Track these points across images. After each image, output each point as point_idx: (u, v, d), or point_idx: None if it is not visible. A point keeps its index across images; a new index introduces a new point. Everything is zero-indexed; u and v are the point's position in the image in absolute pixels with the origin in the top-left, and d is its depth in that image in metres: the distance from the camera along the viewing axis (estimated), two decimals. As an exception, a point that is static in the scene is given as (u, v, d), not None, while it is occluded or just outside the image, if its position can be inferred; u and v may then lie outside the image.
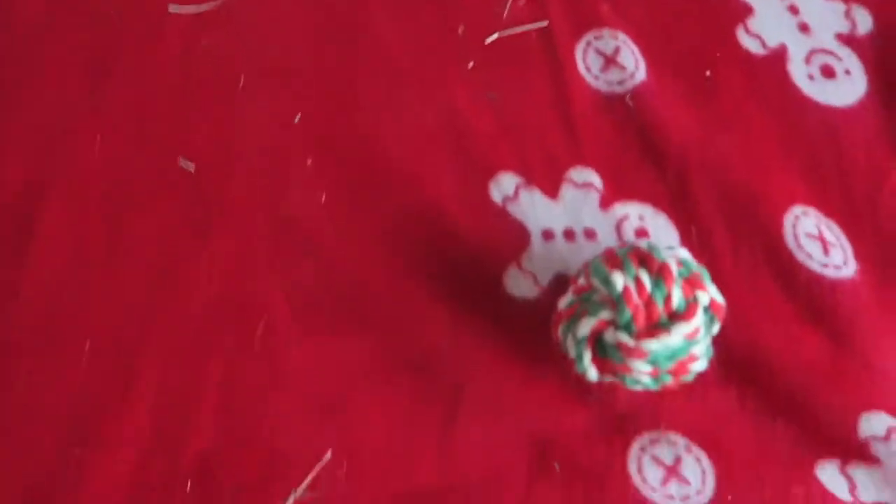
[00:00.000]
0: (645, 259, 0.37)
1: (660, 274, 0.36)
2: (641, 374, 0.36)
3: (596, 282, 0.37)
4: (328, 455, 0.39)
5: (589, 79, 0.45)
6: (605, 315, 0.36)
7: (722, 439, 0.40)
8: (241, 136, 0.43)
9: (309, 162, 0.43)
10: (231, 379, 0.40)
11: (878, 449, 0.39)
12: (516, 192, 0.44)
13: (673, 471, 0.39)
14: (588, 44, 0.46)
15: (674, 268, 0.36)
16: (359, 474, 0.39)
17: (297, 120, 0.44)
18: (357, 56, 0.46)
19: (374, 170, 0.43)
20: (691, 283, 0.37)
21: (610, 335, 0.36)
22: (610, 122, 0.45)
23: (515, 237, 0.43)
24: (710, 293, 0.37)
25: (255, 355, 0.40)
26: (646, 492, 0.39)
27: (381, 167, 0.43)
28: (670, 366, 0.36)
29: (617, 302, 0.36)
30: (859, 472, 0.39)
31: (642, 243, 0.38)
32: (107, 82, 0.45)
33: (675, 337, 0.35)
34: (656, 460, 0.39)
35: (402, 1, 0.46)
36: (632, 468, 0.39)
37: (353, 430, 0.39)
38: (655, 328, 0.36)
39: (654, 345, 0.35)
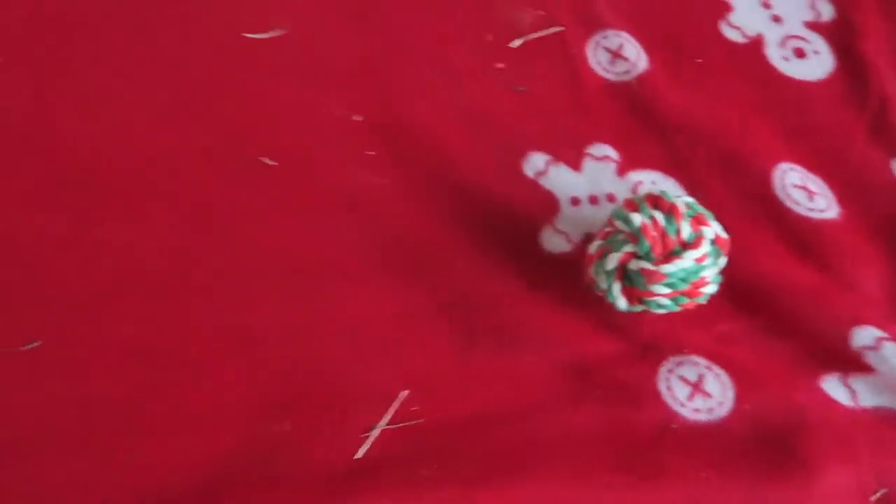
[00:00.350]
0: (657, 201, 0.44)
1: (670, 212, 0.43)
2: (662, 298, 0.43)
3: (618, 223, 0.44)
4: (405, 392, 0.46)
5: (599, 71, 0.53)
6: (628, 248, 0.43)
7: (736, 359, 0.46)
8: (314, 133, 0.51)
9: (372, 152, 0.51)
10: (298, 328, 0.46)
11: (870, 358, 0.45)
12: (546, 168, 0.51)
13: (697, 387, 0.46)
14: (597, 43, 0.54)
15: (682, 207, 0.43)
16: (429, 404, 0.45)
17: (356, 118, 0.52)
18: (402, 64, 0.54)
19: (423, 154, 0.51)
20: (697, 220, 0.43)
21: (633, 264, 0.43)
22: (620, 105, 0.52)
23: (548, 204, 0.50)
24: (714, 228, 0.44)
25: (319, 306, 0.47)
26: (675, 407, 0.45)
27: (430, 152, 0.51)
28: (685, 287, 0.43)
29: (637, 236, 0.43)
30: (858, 382, 0.46)
31: (655, 190, 0.45)
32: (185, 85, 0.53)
33: (687, 261, 0.42)
34: (682, 379, 0.46)
35: (436, 15, 0.55)
36: (661, 387, 0.46)
37: (415, 365, 0.46)
38: (670, 255, 0.42)
39: (670, 268, 0.42)
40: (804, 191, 0.49)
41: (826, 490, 0.43)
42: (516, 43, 0.55)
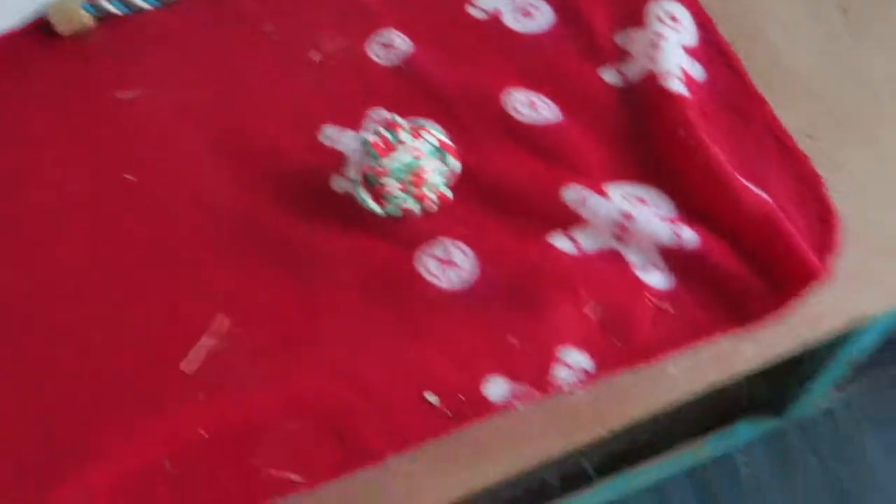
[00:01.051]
0: (386, 122, 0.55)
1: (391, 126, 0.54)
2: (395, 191, 0.53)
3: (361, 146, 0.55)
4: (224, 319, 0.56)
5: (377, 60, 0.66)
6: (365, 161, 0.54)
7: (476, 235, 0.55)
8: (171, 147, 0.65)
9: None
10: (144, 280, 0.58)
11: (581, 211, 0.53)
12: (337, 136, 0.63)
13: (447, 261, 0.54)
14: (373, 41, 0.68)
15: (402, 122, 0.54)
16: (249, 328, 0.55)
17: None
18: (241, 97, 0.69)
19: (244, 141, 0.64)
20: (416, 129, 0.54)
21: (368, 169, 0.53)
22: (395, 82, 0.65)
23: (337, 160, 0.62)
24: (435, 135, 0.55)
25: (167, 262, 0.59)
26: (432, 281, 0.54)
27: (247, 138, 0.64)
28: (408, 177, 0.53)
29: (367, 148, 0.53)
30: (576, 232, 0.54)
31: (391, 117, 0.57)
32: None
33: (403, 154, 0.53)
34: (434, 257, 0.55)
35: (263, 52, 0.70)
36: (422, 270, 0.55)
37: (230, 293, 0.56)
38: (391, 154, 0.53)
39: (390, 162, 0.53)
40: (530, 105, 0.59)
41: (557, 318, 0.51)
42: (317, 57, 0.69)
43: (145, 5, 0.76)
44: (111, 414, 0.53)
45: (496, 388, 0.50)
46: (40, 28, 0.74)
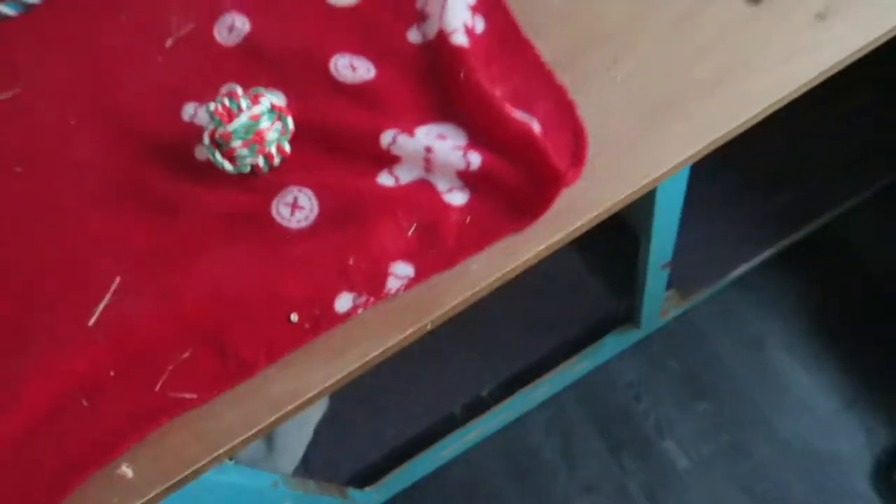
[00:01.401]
0: (228, 92, 0.64)
1: (231, 95, 0.64)
2: (241, 150, 0.63)
3: (208, 115, 0.64)
4: (118, 278, 0.65)
5: (223, 41, 0.75)
6: (211, 126, 0.64)
7: (315, 181, 0.66)
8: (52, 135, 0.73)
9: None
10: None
11: (395, 150, 0.65)
12: (195, 111, 0.72)
13: (295, 205, 0.65)
14: (219, 24, 0.76)
15: (241, 91, 0.64)
16: (136, 276, 0.65)
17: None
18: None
19: (116, 121, 0.73)
20: (254, 97, 0.64)
21: (216, 134, 0.63)
22: (239, 59, 0.74)
23: (198, 132, 0.71)
24: (270, 100, 0.65)
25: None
26: (284, 223, 0.65)
27: (118, 119, 0.73)
28: (251, 137, 0.63)
29: (213, 117, 0.63)
30: (395, 168, 0.65)
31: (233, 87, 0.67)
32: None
33: (243, 118, 0.63)
34: (284, 203, 0.65)
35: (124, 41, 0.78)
36: (276, 215, 0.65)
37: (123, 250, 0.66)
38: (232, 119, 0.63)
39: (233, 125, 0.63)
40: (350, 67, 0.70)
41: (385, 240, 0.63)
42: (169, 42, 0.77)
43: (10, 12, 0.82)
44: (28, 360, 0.63)
45: (343, 301, 0.62)
46: None
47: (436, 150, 0.64)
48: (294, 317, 0.62)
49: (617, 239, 1.23)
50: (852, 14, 0.65)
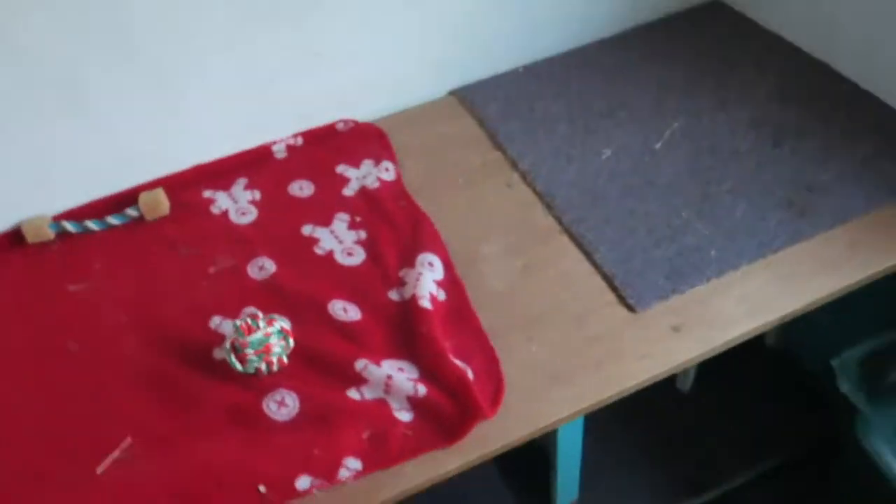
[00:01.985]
0: (251, 314, 0.85)
1: (253, 316, 0.85)
2: (252, 356, 0.83)
3: (233, 327, 0.85)
4: (129, 440, 0.80)
5: (253, 276, 0.98)
6: (235, 336, 0.83)
7: (300, 387, 0.85)
8: (103, 323, 0.92)
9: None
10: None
11: (365, 374, 0.85)
12: (220, 323, 0.92)
13: (282, 402, 0.83)
14: (252, 264, 0.99)
15: (261, 314, 0.85)
16: (145, 444, 0.80)
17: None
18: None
19: (156, 322, 0.92)
20: (270, 320, 0.86)
21: (236, 342, 0.83)
22: (263, 292, 0.97)
23: (220, 338, 0.90)
24: (280, 323, 0.86)
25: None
26: (271, 415, 0.82)
27: (158, 320, 0.92)
28: (260, 349, 0.83)
29: (237, 328, 0.83)
30: (363, 388, 0.85)
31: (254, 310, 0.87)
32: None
33: (259, 334, 0.84)
34: (274, 400, 0.83)
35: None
36: (266, 408, 0.83)
37: (140, 424, 0.82)
38: (251, 335, 0.83)
39: (250, 337, 0.83)
40: (344, 311, 0.92)
41: (344, 439, 0.80)
42: (212, 270, 1.00)
43: (94, 227, 1.06)
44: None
45: (303, 481, 0.78)
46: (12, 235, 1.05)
47: (395, 378, 0.85)
48: (262, 488, 0.78)
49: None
50: (696, 331, 0.90)
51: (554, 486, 1.12)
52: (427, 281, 0.95)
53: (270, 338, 0.86)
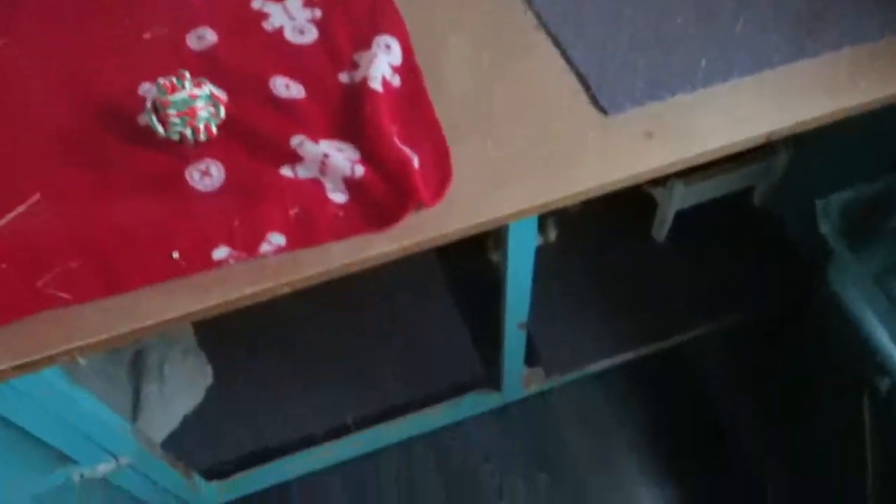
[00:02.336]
0: (178, 74, 0.75)
1: (180, 76, 0.75)
2: (174, 119, 0.74)
3: (156, 86, 0.75)
4: (37, 195, 0.73)
5: (192, 46, 0.88)
6: (156, 95, 0.74)
7: (228, 160, 0.78)
8: (25, 81, 0.83)
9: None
10: None
11: (300, 150, 0.77)
12: (149, 88, 0.83)
13: (205, 172, 0.75)
14: (193, 33, 0.89)
15: (188, 75, 0.76)
16: (51, 202, 0.73)
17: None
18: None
19: (81, 83, 0.83)
20: (199, 82, 0.76)
21: (157, 101, 0.73)
22: (199, 61, 0.87)
23: (145, 104, 0.81)
24: (210, 88, 0.76)
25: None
26: (192, 184, 0.75)
27: (83, 82, 0.83)
28: (184, 110, 0.74)
29: (159, 87, 0.74)
30: (298, 166, 0.76)
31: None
32: None
33: (183, 93, 0.74)
34: (197, 170, 0.76)
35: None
36: (188, 177, 0.76)
37: (51, 180, 0.74)
38: (175, 95, 0.74)
39: (172, 96, 0.74)
40: (286, 87, 0.83)
41: (270, 213, 0.73)
42: (147, 35, 0.89)
43: (22, -20, 0.93)
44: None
45: (220, 252, 0.71)
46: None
47: (332, 157, 0.76)
48: (175, 254, 0.71)
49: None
50: (671, 139, 0.81)
51: (504, 303, 1.06)
52: (381, 63, 0.84)
53: (197, 101, 0.76)
